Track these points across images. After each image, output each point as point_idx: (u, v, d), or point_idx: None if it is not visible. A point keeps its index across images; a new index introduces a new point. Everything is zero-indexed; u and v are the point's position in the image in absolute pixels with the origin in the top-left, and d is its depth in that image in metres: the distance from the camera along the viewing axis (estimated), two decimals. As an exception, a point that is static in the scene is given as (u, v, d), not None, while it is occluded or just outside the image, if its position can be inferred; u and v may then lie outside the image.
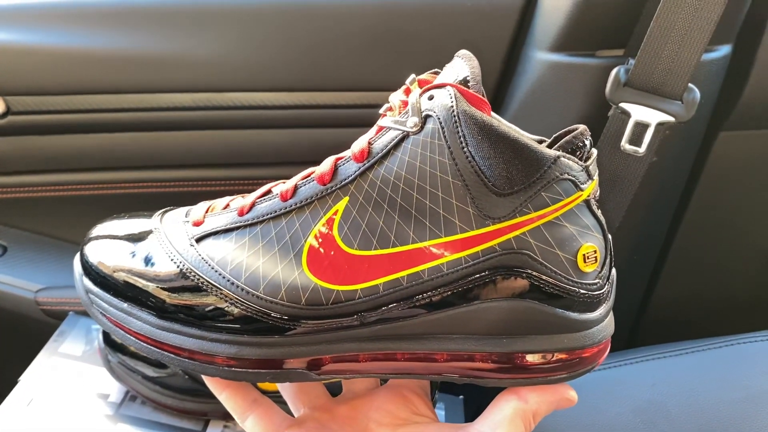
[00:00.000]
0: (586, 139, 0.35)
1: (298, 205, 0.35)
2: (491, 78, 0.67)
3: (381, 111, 0.37)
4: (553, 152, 0.33)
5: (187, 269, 0.36)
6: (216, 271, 0.36)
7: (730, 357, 0.61)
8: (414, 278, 0.34)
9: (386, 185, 0.34)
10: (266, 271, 0.35)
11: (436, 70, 0.37)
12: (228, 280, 0.35)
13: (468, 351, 0.35)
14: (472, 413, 0.65)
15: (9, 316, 0.71)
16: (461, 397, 0.68)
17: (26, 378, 0.58)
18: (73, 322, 0.65)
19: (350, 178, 0.35)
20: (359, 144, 0.35)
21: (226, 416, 0.57)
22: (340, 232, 0.34)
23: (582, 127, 0.35)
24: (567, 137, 0.35)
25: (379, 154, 0.34)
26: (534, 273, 0.34)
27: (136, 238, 0.40)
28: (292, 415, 0.41)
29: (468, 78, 0.34)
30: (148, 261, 0.38)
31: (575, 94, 0.61)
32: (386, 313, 0.35)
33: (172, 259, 0.37)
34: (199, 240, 0.37)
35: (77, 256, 0.42)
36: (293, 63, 0.66)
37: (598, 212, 0.35)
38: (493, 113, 0.35)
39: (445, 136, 0.33)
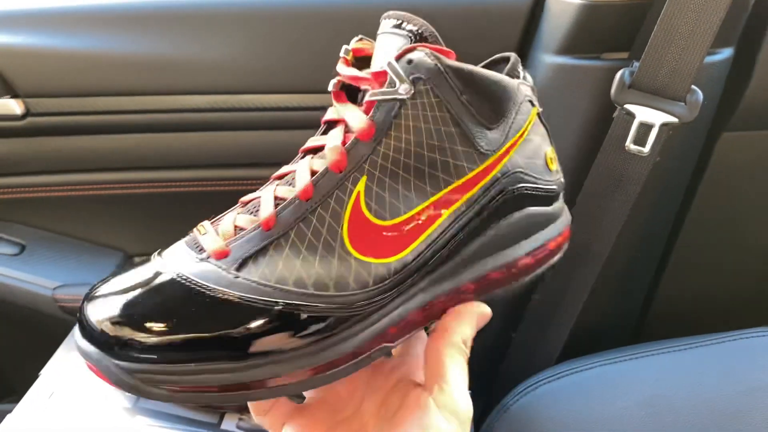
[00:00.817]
0: (520, 66, 0.42)
1: (320, 199, 0.36)
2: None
3: (330, 88, 0.39)
4: (515, 81, 0.39)
5: (246, 300, 0.34)
6: (281, 290, 0.34)
7: (732, 351, 0.62)
8: (443, 226, 0.37)
9: (398, 153, 0.36)
10: (324, 270, 0.35)
11: (362, 36, 0.40)
12: (298, 293, 0.34)
13: (487, 271, 0.39)
14: (479, 411, 0.67)
15: (28, 312, 0.73)
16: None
17: (47, 372, 0.60)
18: (91, 318, 0.66)
19: (365, 158, 0.36)
20: (359, 122, 0.36)
21: (241, 410, 0.59)
22: (368, 209, 0.36)
23: (513, 55, 0.42)
24: (507, 67, 0.41)
25: (385, 128, 0.36)
26: (527, 184, 0.40)
27: (156, 303, 0.35)
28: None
29: (424, 34, 0.38)
30: (199, 317, 0.34)
31: (581, 96, 0.62)
32: (431, 267, 0.38)
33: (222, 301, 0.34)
34: (239, 269, 0.35)
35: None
36: (305, 65, 0.67)
37: (544, 121, 0.43)
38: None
39: (437, 93, 0.36)
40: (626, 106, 0.59)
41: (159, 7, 0.66)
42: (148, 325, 0.33)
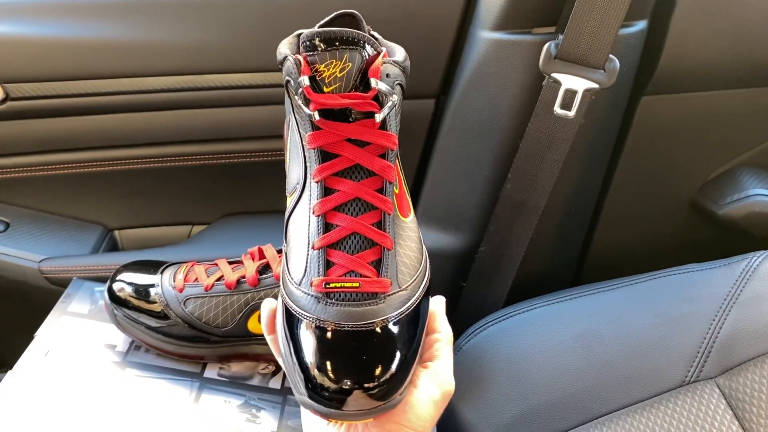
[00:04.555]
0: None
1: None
2: (443, 56, 0.74)
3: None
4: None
5: None
6: None
7: (654, 288, 0.70)
8: None
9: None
10: None
11: (299, 32, 0.44)
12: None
13: None
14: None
15: (15, 285, 0.77)
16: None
17: (42, 332, 0.64)
18: (77, 285, 0.71)
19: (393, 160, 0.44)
20: (386, 141, 0.42)
21: (221, 359, 0.64)
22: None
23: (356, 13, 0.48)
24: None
25: (396, 131, 0.44)
26: None
27: None
28: None
29: (372, 34, 0.44)
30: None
31: (515, 68, 0.68)
32: None
33: None
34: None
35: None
36: (270, 46, 0.71)
37: None
38: None
39: (402, 84, 0.43)
40: (553, 74, 0.65)
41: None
42: None
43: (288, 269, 0.43)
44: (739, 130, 0.83)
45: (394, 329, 0.40)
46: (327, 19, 0.47)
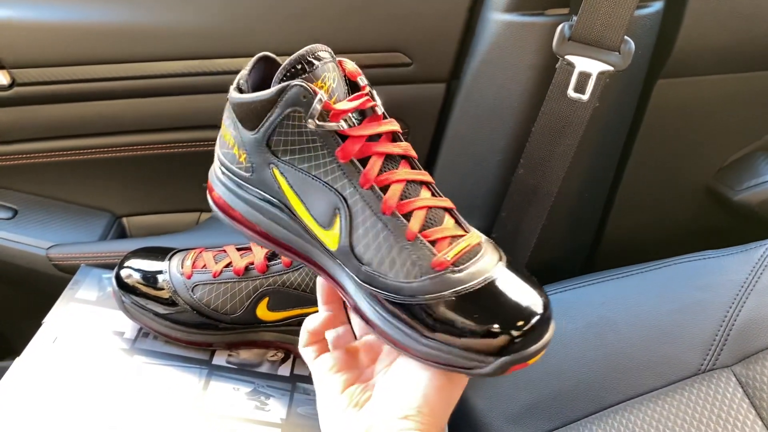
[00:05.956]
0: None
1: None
2: (454, 39, 0.73)
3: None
4: None
5: None
6: None
7: (668, 275, 0.69)
8: None
9: None
10: None
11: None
12: None
13: None
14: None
15: (23, 272, 0.77)
16: None
17: (50, 319, 0.64)
18: (85, 272, 0.71)
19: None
20: (394, 126, 0.44)
21: (230, 346, 0.64)
22: None
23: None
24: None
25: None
26: None
27: None
28: None
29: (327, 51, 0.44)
30: None
31: (527, 50, 0.67)
32: None
33: None
34: None
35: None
36: (275, 29, 0.71)
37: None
38: None
39: None
40: (567, 57, 0.64)
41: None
42: None
43: (388, 288, 0.43)
44: (757, 115, 0.82)
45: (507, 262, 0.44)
46: (249, 66, 0.46)
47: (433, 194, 0.44)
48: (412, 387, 0.43)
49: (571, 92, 0.65)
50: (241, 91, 0.45)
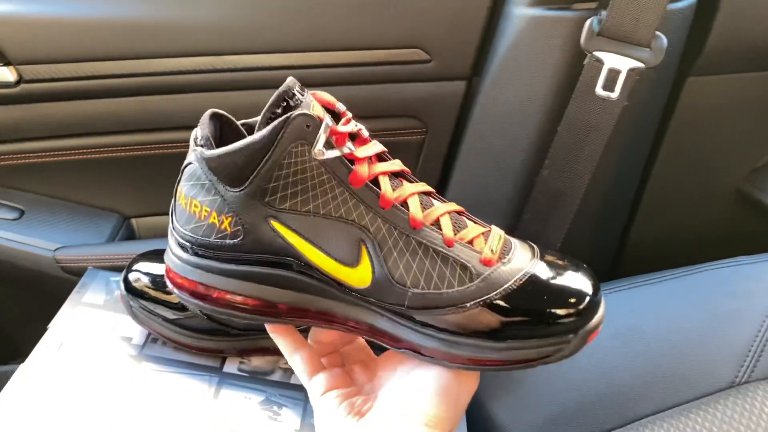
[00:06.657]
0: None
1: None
2: (475, 35, 0.71)
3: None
4: None
5: None
6: None
7: (698, 283, 0.67)
8: None
9: None
10: None
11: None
12: None
13: None
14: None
15: (30, 274, 0.75)
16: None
17: (55, 324, 0.63)
18: (92, 275, 0.69)
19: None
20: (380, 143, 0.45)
21: (241, 353, 0.62)
22: None
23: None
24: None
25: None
26: None
27: None
28: None
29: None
30: None
31: (553, 46, 0.65)
32: None
33: None
34: None
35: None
36: (290, 25, 0.69)
37: None
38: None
39: None
40: (595, 53, 0.62)
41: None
42: None
43: (441, 302, 0.42)
44: (791, 115, 0.79)
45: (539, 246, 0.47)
46: (202, 124, 0.46)
47: (441, 201, 0.45)
48: (415, 390, 0.42)
49: (599, 90, 0.62)
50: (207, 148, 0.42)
